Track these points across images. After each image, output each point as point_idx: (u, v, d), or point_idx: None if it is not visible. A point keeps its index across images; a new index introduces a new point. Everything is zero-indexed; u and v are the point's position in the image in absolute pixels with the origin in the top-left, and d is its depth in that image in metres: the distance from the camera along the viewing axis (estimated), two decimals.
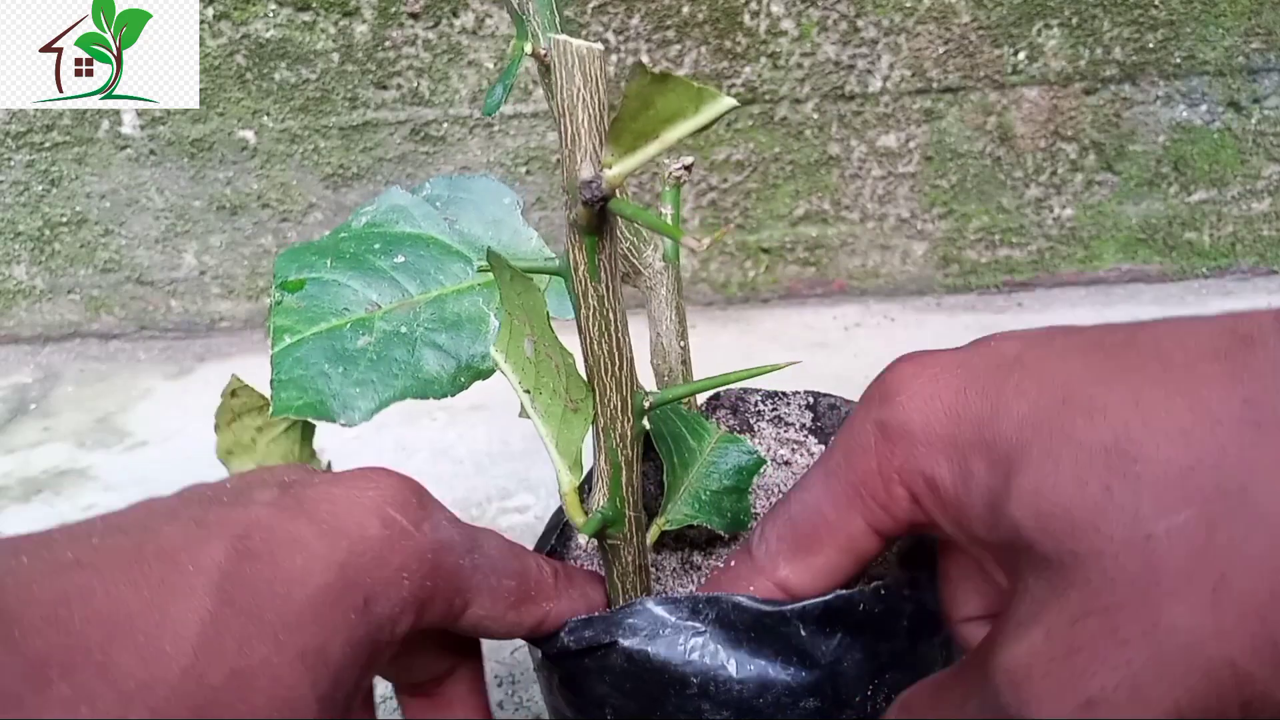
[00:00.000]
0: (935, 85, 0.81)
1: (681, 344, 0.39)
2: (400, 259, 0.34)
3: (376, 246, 0.35)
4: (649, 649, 0.31)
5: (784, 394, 0.43)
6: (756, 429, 0.42)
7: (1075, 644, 0.23)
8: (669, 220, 0.36)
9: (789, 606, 0.30)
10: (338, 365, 0.32)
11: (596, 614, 0.32)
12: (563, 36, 0.23)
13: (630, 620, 0.31)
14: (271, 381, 0.32)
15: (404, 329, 0.33)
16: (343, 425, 0.32)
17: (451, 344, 0.33)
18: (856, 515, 0.29)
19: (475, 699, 0.33)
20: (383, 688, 0.50)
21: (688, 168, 0.34)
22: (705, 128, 0.23)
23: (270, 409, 0.31)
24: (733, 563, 0.32)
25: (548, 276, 0.34)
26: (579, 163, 0.24)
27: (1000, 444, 0.26)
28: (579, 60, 0.23)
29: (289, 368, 0.32)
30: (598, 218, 0.26)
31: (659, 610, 0.31)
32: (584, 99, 0.24)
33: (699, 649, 0.31)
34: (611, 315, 0.28)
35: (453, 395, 0.33)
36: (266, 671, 0.24)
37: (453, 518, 0.30)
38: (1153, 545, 0.22)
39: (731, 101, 0.22)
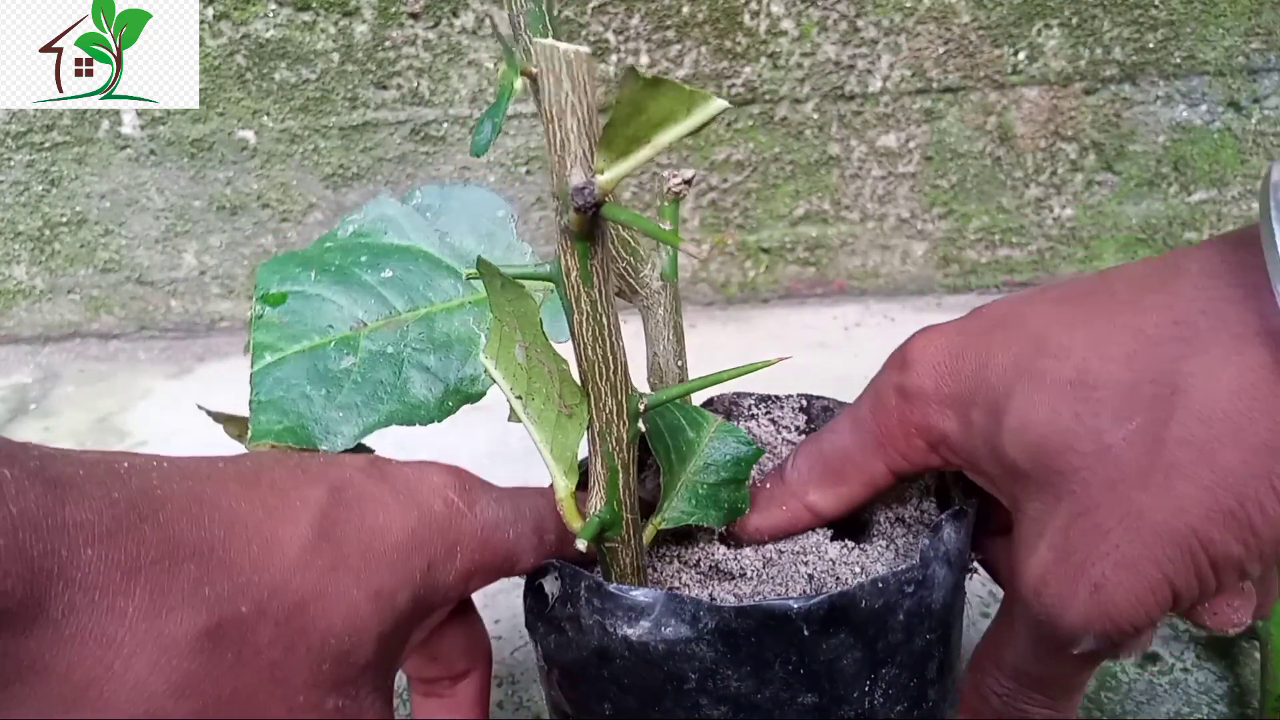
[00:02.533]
0: (935, 85, 0.81)
1: (679, 364, 0.38)
2: (388, 273, 0.33)
3: (363, 259, 0.33)
4: (649, 641, 0.31)
5: (778, 397, 0.43)
6: (752, 431, 0.42)
7: (1071, 545, 0.28)
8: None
9: (795, 607, 0.30)
10: (320, 387, 0.31)
11: (609, 585, 0.32)
12: (549, 41, 0.23)
13: (638, 602, 0.31)
14: (250, 403, 0.31)
15: (390, 349, 0.32)
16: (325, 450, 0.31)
17: (440, 366, 0.32)
18: (879, 460, 0.34)
19: (480, 706, 0.36)
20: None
21: (688, 181, 0.34)
22: (697, 130, 0.23)
23: (249, 434, 0.30)
24: (768, 485, 0.37)
25: (543, 291, 0.33)
26: (569, 168, 0.24)
27: (990, 393, 0.30)
28: (566, 64, 0.23)
29: (269, 388, 0.31)
30: (590, 224, 0.26)
31: (665, 604, 0.31)
32: (573, 103, 0.23)
33: (699, 646, 0.31)
34: (605, 320, 0.28)
35: (439, 421, 0.32)
36: (345, 599, 0.28)
37: (500, 495, 0.33)
38: (1114, 452, 0.27)
39: (723, 104, 0.22)
